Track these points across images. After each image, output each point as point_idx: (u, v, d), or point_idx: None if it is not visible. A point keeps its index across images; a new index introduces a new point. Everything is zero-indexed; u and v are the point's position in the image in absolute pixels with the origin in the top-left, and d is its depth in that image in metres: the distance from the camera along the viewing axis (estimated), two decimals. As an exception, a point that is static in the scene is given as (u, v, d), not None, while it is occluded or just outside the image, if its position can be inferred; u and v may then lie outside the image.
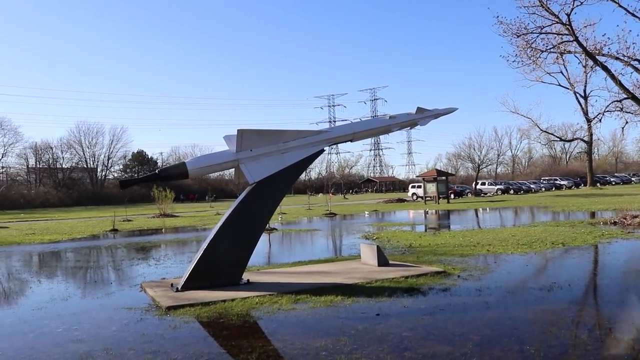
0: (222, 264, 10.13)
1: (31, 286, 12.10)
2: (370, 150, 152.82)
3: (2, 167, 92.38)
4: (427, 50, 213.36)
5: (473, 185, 68.62)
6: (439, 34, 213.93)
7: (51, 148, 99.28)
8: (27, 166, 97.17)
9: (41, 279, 13.14)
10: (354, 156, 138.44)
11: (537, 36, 24.92)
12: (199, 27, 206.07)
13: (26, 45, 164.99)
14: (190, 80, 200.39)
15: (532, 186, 77.15)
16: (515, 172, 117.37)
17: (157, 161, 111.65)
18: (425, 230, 23.02)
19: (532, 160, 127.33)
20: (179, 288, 9.85)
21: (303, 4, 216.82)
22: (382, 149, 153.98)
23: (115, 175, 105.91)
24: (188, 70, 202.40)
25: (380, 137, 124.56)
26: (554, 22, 24.10)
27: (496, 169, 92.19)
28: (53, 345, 6.87)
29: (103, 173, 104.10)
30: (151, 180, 11.49)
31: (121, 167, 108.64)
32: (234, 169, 10.90)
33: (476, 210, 37.05)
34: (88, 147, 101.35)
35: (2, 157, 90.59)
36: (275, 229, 24.96)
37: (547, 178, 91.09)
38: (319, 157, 11.95)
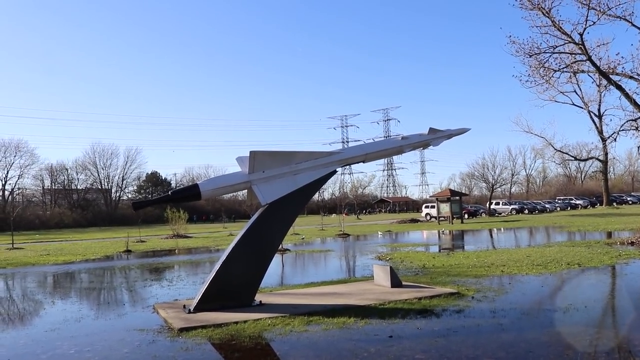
0: (234, 285, 10.10)
1: (45, 307, 12.15)
2: (384, 170, 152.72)
3: (19, 189, 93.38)
4: (440, 70, 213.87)
5: (487, 205, 68.15)
6: (451, 54, 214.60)
7: (66, 169, 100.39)
8: (43, 187, 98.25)
9: (55, 300, 13.19)
10: (367, 176, 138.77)
11: (550, 56, 24.88)
12: (212, 49, 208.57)
13: (41, 68, 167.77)
14: (204, 102, 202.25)
15: (547, 206, 76.51)
16: (530, 191, 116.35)
17: (171, 182, 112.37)
18: (439, 251, 22.85)
19: (547, 180, 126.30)
20: (192, 309, 9.84)
21: (315, 25, 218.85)
22: (395, 169, 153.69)
23: (130, 196, 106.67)
24: (202, 91, 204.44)
25: (394, 157, 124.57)
26: (566, 41, 24.07)
27: (510, 188, 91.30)
28: (65, 367, 6.86)
29: (117, 194, 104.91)
30: (164, 202, 11.56)
31: (135, 188, 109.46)
32: (246, 190, 10.93)
33: (490, 231, 36.78)
34: (103, 169, 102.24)
35: (18, 179, 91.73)
36: (289, 250, 24.92)
37: (562, 197, 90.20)
38: (332, 178, 11.93)
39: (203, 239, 38.29)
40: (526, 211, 70.71)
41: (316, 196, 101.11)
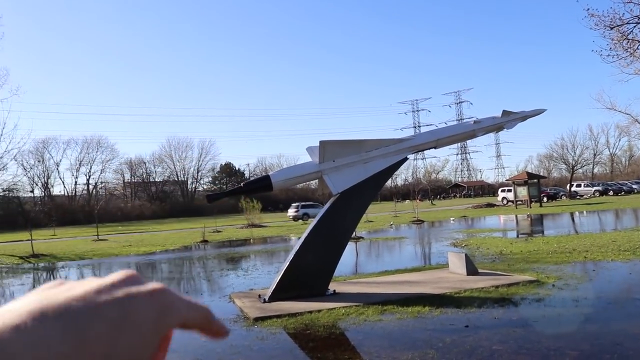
0: (308, 274, 10.16)
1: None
2: (457, 154, 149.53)
3: (102, 182, 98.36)
4: (512, 50, 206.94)
5: (567, 188, 65.59)
6: (524, 33, 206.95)
7: (144, 163, 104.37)
8: (123, 181, 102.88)
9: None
10: (441, 161, 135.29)
11: (635, 26, 23.36)
12: (283, 39, 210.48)
13: (117, 64, 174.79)
14: (275, 92, 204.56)
15: (634, 187, 72.75)
16: (615, 172, 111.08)
17: (244, 172, 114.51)
18: (517, 236, 22.15)
19: (634, 159, 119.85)
20: (266, 299, 9.98)
21: (383, 8, 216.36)
22: (469, 153, 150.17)
23: (205, 187, 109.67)
24: (273, 81, 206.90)
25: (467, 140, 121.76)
26: (655, 9, 22.52)
27: (592, 169, 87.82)
28: (147, 356, 7.13)
29: (193, 185, 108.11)
30: (237, 194, 11.77)
31: (210, 179, 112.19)
32: (317, 180, 10.97)
33: (572, 214, 35.35)
34: (178, 161, 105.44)
35: (100, 173, 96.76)
36: (362, 238, 24.87)
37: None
38: (405, 163, 11.78)
39: (277, 228, 38.86)
40: (611, 193, 67.53)
41: (389, 182, 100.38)
